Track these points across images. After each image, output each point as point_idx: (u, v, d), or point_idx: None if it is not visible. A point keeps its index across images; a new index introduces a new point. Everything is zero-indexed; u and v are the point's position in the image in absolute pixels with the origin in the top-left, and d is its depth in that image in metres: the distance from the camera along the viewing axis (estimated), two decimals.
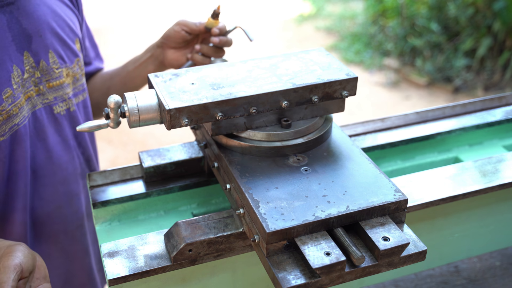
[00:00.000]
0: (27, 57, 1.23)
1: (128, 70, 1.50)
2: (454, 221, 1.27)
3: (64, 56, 1.32)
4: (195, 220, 1.02)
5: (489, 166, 1.25)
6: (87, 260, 1.49)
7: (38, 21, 1.26)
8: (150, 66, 1.46)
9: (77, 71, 1.38)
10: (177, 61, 1.41)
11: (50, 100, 1.30)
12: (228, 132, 1.07)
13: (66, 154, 1.35)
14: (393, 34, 5.69)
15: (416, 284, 1.30)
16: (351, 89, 1.09)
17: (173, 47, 1.40)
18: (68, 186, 1.37)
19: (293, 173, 1.01)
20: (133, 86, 1.52)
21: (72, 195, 1.38)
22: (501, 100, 1.58)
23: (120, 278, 0.97)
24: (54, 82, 1.30)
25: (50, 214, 1.34)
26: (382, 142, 1.39)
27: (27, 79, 1.24)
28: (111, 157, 4.06)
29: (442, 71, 5.07)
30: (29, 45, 1.24)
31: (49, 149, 1.30)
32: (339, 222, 0.92)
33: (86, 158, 1.45)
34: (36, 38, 1.25)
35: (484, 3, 4.93)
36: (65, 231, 1.39)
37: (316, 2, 7.33)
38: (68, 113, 1.35)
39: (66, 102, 1.34)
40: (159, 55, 1.43)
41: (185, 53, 1.41)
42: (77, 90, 1.39)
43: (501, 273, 1.33)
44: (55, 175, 1.33)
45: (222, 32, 1.36)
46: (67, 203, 1.37)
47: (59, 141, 1.33)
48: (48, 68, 1.28)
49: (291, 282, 0.86)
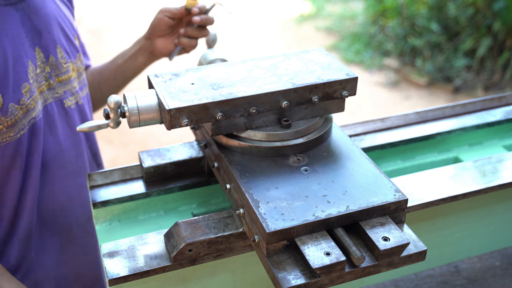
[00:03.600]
0: (38, 52, 1.27)
1: (118, 64, 1.53)
2: (454, 221, 1.27)
3: (69, 51, 1.37)
4: (195, 220, 1.02)
5: (489, 166, 1.25)
6: (97, 254, 1.52)
7: (46, 17, 1.30)
8: (140, 58, 1.49)
9: (80, 66, 1.43)
10: (166, 49, 1.44)
11: (60, 94, 1.34)
12: (228, 132, 1.07)
13: (76, 147, 1.39)
14: (393, 34, 5.68)
15: (416, 284, 1.30)
16: (351, 89, 1.09)
17: (160, 36, 1.43)
18: (77, 178, 1.40)
19: (293, 173, 1.01)
20: (123, 79, 1.55)
21: (81, 187, 1.41)
22: (501, 100, 1.58)
23: (120, 278, 0.97)
24: (63, 77, 1.34)
25: (62, 206, 1.37)
26: (382, 142, 1.39)
27: (39, 74, 1.28)
28: (111, 157, 4.06)
29: (442, 71, 5.07)
30: (40, 41, 1.28)
31: (60, 142, 1.33)
32: (339, 222, 0.92)
33: (93, 152, 1.49)
34: (45, 34, 1.29)
35: (484, 3, 4.93)
36: (77, 224, 1.42)
37: (316, 2, 7.33)
38: (77, 106, 1.39)
39: (75, 95, 1.38)
40: (148, 47, 1.46)
41: (172, 39, 1.44)
42: (81, 84, 1.43)
43: (501, 273, 1.33)
44: (65, 168, 1.36)
45: (202, 11, 1.39)
46: (77, 195, 1.40)
47: (69, 134, 1.36)
48: (57, 63, 1.32)
49: (291, 282, 0.86)
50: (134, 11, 7.10)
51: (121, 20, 6.77)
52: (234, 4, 7.21)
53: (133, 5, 7.30)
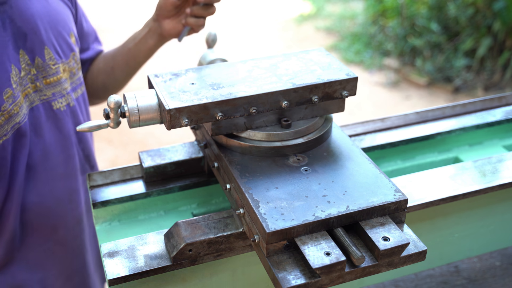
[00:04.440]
0: (22, 55, 1.23)
1: (129, 48, 1.50)
2: (454, 221, 1.27)
3: (60, 52, 1.33)
4: (195, 220, 1.02)
5: (489, 166, 1.25)
6: (86, 257, 1.50)
7: (32, 18, 1.26)
8: (150, 40, 1.46)
9: (74, 66, 1.39)
10: (175, 29, 1.41)
11: (48, 96, 1.30)
12: (228, 132, 1.07)
13: (66, 150, 1.36)
14: (393, 34, 5.68)
15: (416, 284, 1.30)
16: (351, 89, 1.09)
17: (167, 17, 1.40)
18: (67, 182, 1.37)
19: (293, 173, 1.01)
20: (136, 63, 1.52)
21: (71, 191, 1.39)
22: (501, 100, 1.58)
23: (120, 278, 0.97)
24: (51, 78, 1.30)
25: (49, 209, 1.35)
26: (382, 142, 1.39)
27: (24, 77, 1.24)
28: (111, 157, 4.06)
29: (442, 71, 5.07)
30: (25, 43, 1.24)
31: (46, 145, 1.30)
32: (339, 222, 0.92)
33: (86, 154, 1.46)
34: (31, 36, 1.25)
35: (484, 3, 4.93)
36: (66, 226, 1.40)
37: (316, 2, 7.33)
38: (69, 108, 1.36)
39: (66, 97, 1.34)
40: (157, 28, 1.43)
41: (180, 20, 1.41)
42: (74, 85, 1.39)
43: (501, 273, 1.33)
44: (53, 171, 1.33)
45: None
46: (67, 198, 1.38)
47: (58, 137, 1.33)
48: (44, 64, 1.28)
49: (291, 282, 0.86)
50: (134, 11, 7.10)
51: (121, 20, 6.77)
52: (235, 4, 7.22)
53: (133, 5, 7.30)
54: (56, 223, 1.37)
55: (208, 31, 1.40)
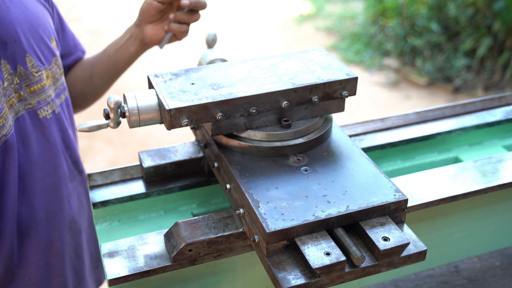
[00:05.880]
0: (4, 64, 1.19)
1: (109, 55, 1.47)
2: (454, 221, 1.27)
3: (42, 58, 1.28)
4: (195, 220, 1.02)
5: (489, 166, 1.25)
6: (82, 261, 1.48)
7: (11, 25, 1.21)
8: (131, 47, 1.43)
9: (56, 71, 1.34)
10: (157, 36, 1.39)
11: (34, 104, 1.26)
12: (228, 132, 1.07)
13: (54, 159, 1.32)
14: (393, 34, 5.68)
15: (416, 284, 1.30)
16: (351, 89, 1.09)
17: (150, 22, 1.37)
18: (58, 191, 1.35)
19: (293, 173, 1.01)
20: (116, 71, 1.49)
21: (62, 199, 1.36)
22: (501, 100, 1.58)
23: (120, 278, 0.97)
24: (35, 86, 1.26)
25: (42, 221, 1.32)
26: (382, 142, 1.39)
27: (7, 87, 1.20)
28: (111, 157, 4.06)
29: (442, 71, 5.07)
30: (5, 52, 1.19)
31: (35, 155, 1.27)
32: (339, 222, 0.92)
33: (74, 160, 1.42)
34: (11, 44, 1.20)
35: (484, 3, 4.93)
36: (59, 238, 1.37)
37: (316, 2, 7.33)
38: (54, 115, 1.32)
39: (50, 105, 1.31)
40: (139, 34, 1.41)
41: (162, 26, 1.38)
42: (58, 91, 1.35)
43: (501, 273, 1.33)
44: (44, 182, 1.31)
45: None
46: (58, 207, 1.35)
47: (46, 146, 1.30)
48: (27, 72, 1.24)
49: (291, 282, 0.86)
50: (134, 11, 7.09)
51: (121, 20, 6.77)
52: (235, 4, 7.22)
53: (133, 5, 7.30)
54: (51, 235, 1.35)
55: (208, 31, 1.39)
